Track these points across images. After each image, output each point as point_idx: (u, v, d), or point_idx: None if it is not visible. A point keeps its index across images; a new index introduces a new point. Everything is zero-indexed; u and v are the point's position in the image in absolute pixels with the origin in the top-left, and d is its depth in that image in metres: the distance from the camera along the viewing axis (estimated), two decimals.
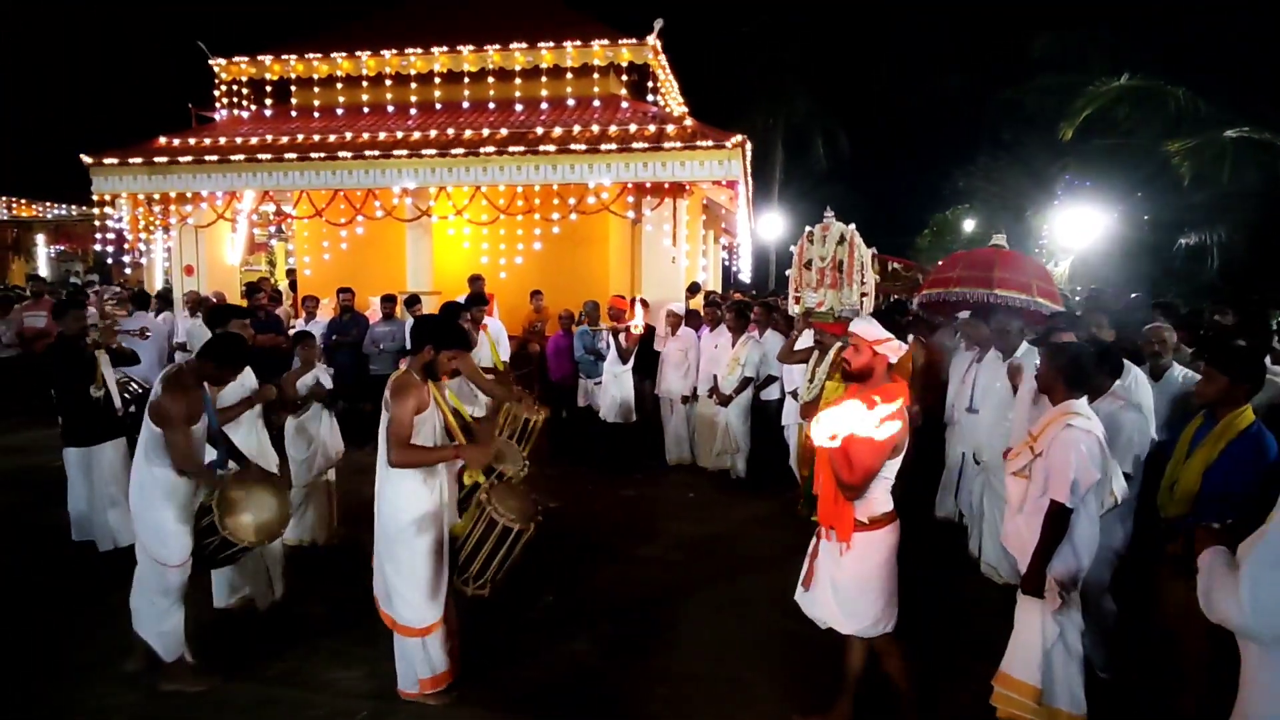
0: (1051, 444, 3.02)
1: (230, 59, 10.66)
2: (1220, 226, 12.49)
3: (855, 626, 3.09)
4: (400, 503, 3.31)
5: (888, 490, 3.04)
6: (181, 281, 10.33)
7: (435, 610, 3.36)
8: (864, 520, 3.01)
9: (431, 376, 3.39)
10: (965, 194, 24.53)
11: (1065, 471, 2.94)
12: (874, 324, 3.19)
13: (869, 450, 2.86)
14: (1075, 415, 3.04)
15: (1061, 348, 3.32)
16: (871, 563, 3.03)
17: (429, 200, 9.48)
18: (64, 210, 17.91)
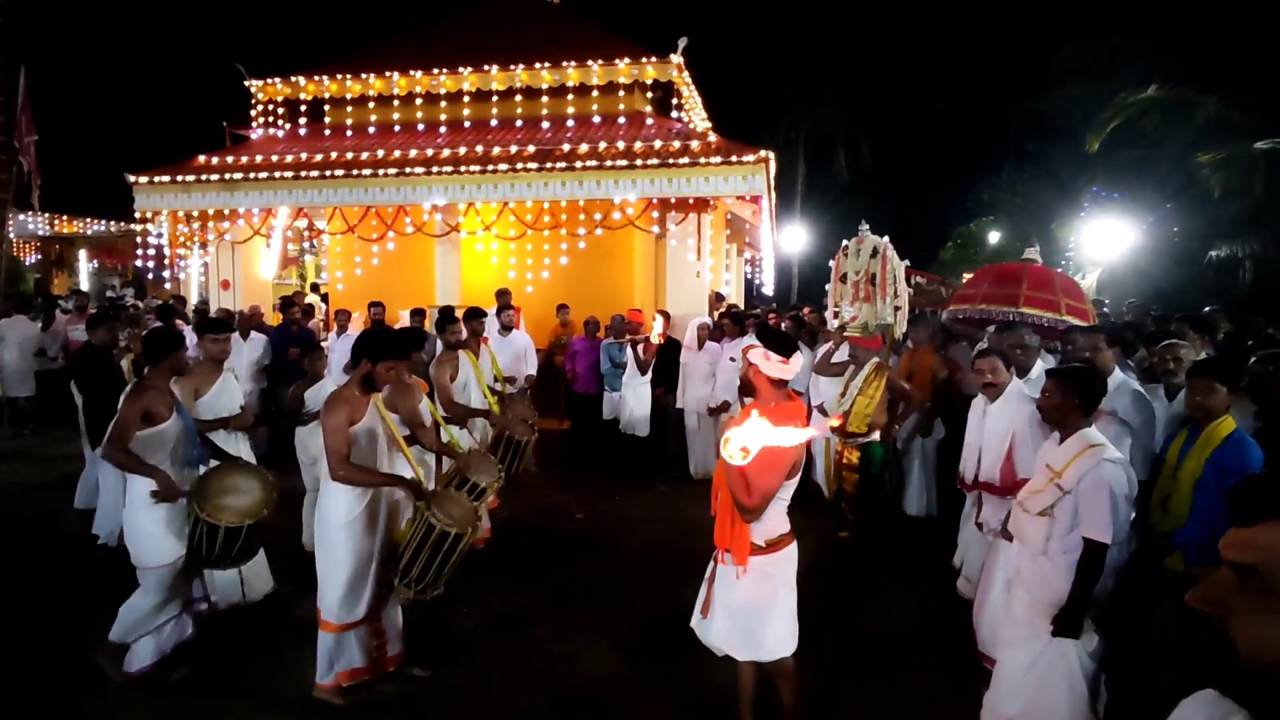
0: (1084, 480, 2.90)
1: (266, 80, 10.97)
2: (1253, 238, 12.30)
3: (751, 653, 2.98)
4: (335, 505, 3.48)
5: (784, 512, 2.95)
6: (218, 296, 10.60)
7: (354, 610, 3.51)
8: (760, 543, 2.90)
9: (369, 388, 3.51)
10: (990, 206, 24.31)
11: (1105, 510, 2.85)
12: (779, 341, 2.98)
13: (768, 472, 2.74)
14: (1103, 446, 2.96)
15: (1075, 372, 3.21)
16: (769, 586, 2.93)
17: (458, 216, 9.66)
18: (103, 226, 18.43)
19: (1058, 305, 5.66)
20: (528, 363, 8.08)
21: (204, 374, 4.35)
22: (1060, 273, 6.95)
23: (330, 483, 3.47)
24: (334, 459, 3.38)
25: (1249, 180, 11.45)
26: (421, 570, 3.39)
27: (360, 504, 3.49)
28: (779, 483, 2.81)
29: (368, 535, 3.52)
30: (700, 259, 9.40)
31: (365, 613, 3.54)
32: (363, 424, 3.46)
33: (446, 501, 3.52)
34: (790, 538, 2.98)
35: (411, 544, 3.41)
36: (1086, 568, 2.90)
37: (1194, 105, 12.22)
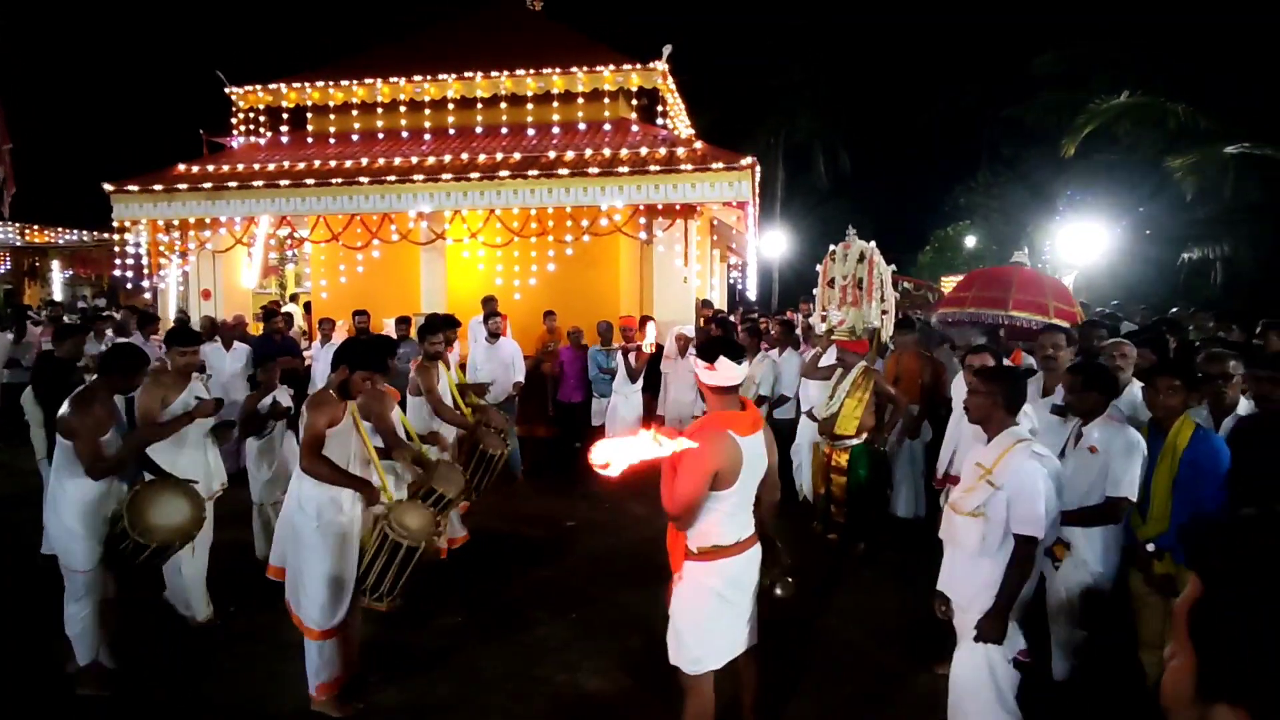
0: (1015, 475, 2.86)
1: (247, 87, 10.87)
2: (1224, 241, 12.59)
3: (674, 655, 2.92)
4: (311, 508, 3.50)
5: (722, 524, 2.80)
6: (199, 305, 10.47)
7: (336, 615, 3.54)
8: (693, 550, 2.84)
9: (346, 395, 3.58)
10: (967, 210, 24.69)
11: (1035, 502, 2.80)
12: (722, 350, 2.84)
13: (686, 479, 2.67)
14: (1030, 441, 2.94)
15: (998, 372, 3.18)
16: (696, 596, 2.85)
17: (443, 224, 9.63)
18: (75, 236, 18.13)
19: (1046, 308, 5.70)
20: (515, 370, 8.05)
21: (171, 383, 4.31)
22: (1050, 276, 7.04)
23: (305, 489, 3.50)
24: (307, 451, 3.45)
25: (1219, 184, 11.71)
26: (378, 579, 3.45)
27: (334, 509, 3.52)
28: (697, 491, 2.68)
29: (346, 532, 3.56)
30: (687, 265, 9.46)
31: (345, 617, 3.58)
32: (338, 428, 3.53)
33: (405, 513, 3.58)
34: (731, 551, 2.83)
35: (370, 553, 3.48)
36: (1016, 565, 2.84)
37: (1164, 111, 12.47)
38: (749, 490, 2.84)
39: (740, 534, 2.86)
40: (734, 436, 2.73)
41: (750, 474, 2.79)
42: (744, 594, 2.91)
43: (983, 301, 5.85)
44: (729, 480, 2.72)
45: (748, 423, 2.81)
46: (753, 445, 2.80)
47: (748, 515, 2.89)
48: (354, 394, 3.59)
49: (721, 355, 2.75)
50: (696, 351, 2.83)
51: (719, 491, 2.73)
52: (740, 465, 2.73)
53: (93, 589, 3.66)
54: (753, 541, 2.92)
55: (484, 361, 7.96)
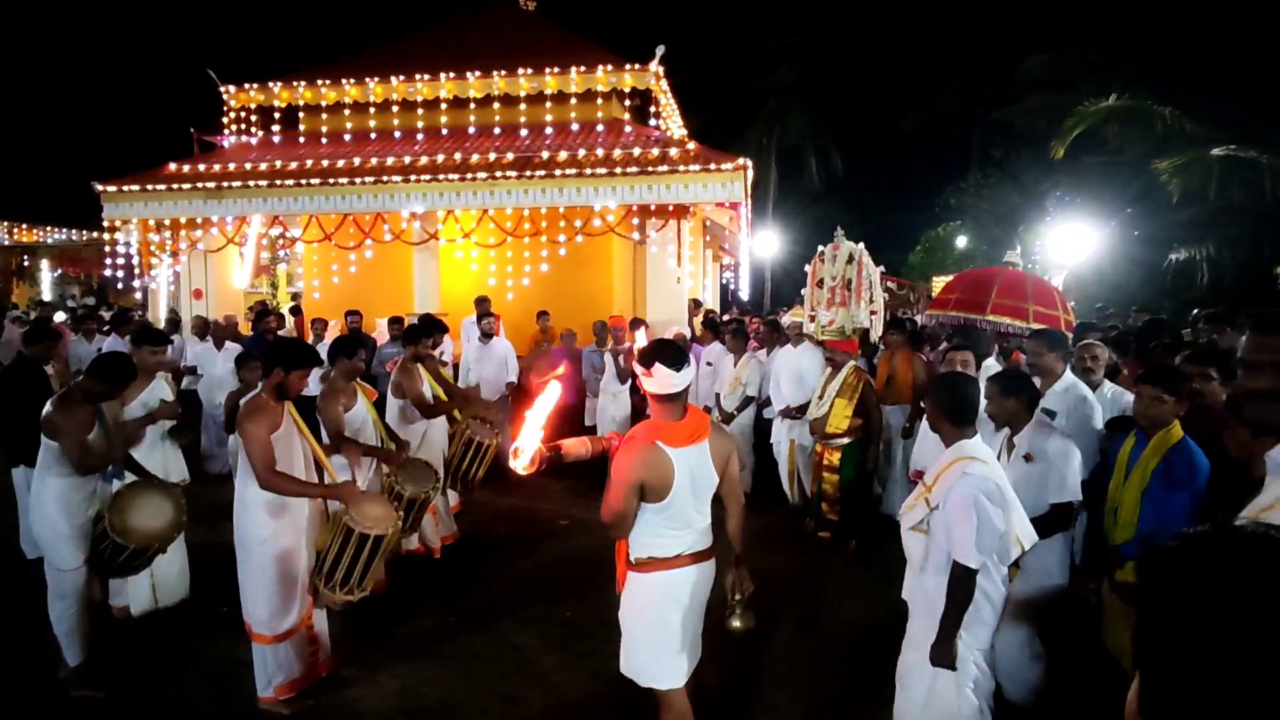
0: (949, 496, 2.68)
1: (240, 86, 10.84)
2: (1209, 242, 12.72)
3: (623, 666, 2.88)
4: (255, 515, 3.49)
5: (661, 535, 2.71)
6: (190, 305, 10.43)
7: (286, 619, 3.54)
8: (632, 559, 2.76)
9: (282, 396, 3.55)
10: (957, 211, 24.85)
11: (967, 529, 2.61)
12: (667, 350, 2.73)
13: (612, 489, 2.61)
14: (970, 460, 2.73)
15: (943, 381, 3.02)
16: (633, 608, 2.79)
17: (436, 224, 9.64)
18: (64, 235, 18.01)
19: (1025, 312, 5.71)
20: (509, 370, 8.07)
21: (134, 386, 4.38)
22: (1037, 279, 7.06)
23: (248, 495, 3.48)
24: (261, 468, 3.36)
25: (1204, 186, 11.83)
26: (345, 573, 3.46)
27: (279, 515, 3.51)
28: (620, 501, 2.59)
29: (291, 544, 3.55)
30: (680, 265, 9.50)
31: (297, 621, 3.58)
32: (280, 432, 3.50)
33: (365, 503, 3.58)
34: (669, 564, 2.72)
35: (333, 547, 3.48)
36: (952, 592, 2.66)
37: (1152, 114, 12.59)
38: (689, 504, 2.68)
39: (682, 548, 2.72)
40: (663, 448, 2.61)
41: (689, 487, 2.65)
42: (684, 609, 2.76)
43: (964, 305, 5.89)
44: (659, 493, 2.62)
45: (685, 433, 2.67)
46: (690, 457, 2.65)
47: (693, 530, 2.74)
48: (291, 394, 3.57)
49: (658, 362, 2.63)
50: (641, 361, 2.69)
51: (650, 504, 2.64)
52: (670, 478, 2.61)
53: (78, 588, 3.69)
54: (699, 559, 2.77)
55: (476, 362, 7.97)
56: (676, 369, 2.64)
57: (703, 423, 2.75)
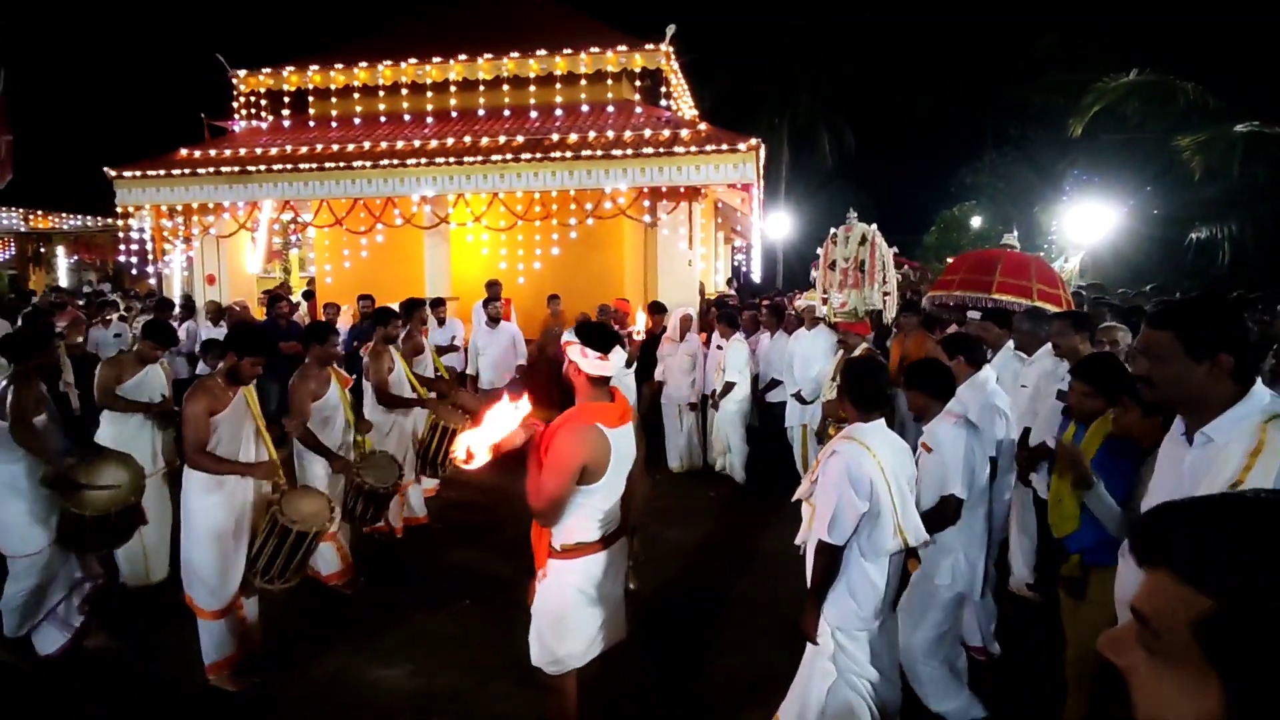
0: (820, 474, 2.76)
1: (250, 70, 10.81)
2: (1231, 221, 12.49)
3: (535, 656, 2.82)
4: (195, 493, 3.59)
5: (589, 519, 2.69)
6: (203, 290, 10.49)
7: (223, 597, 3.61)
8: (557, 547, 2.72)
9: (235, 381, 3.63)
10: (972, 191, 24.54)
11: (827, 504, 2.68)
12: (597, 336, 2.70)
13: (551, 474, 2.56)
14: (848, 440, 2.77)
15: (855, 365, 3.04)
16: (558, 595, 2.73)
17: (447, 207, 9.61)
18: (80, 221, 18.12)
19: (1030, 291, 5.69)
20: (517, 353, 8.08)
21: (128, 363, 4.71)
22: (1038, 259, 7.01)
23: (191, 473, 3.59)
24: (189, 446, 3.51)
25: (1227, 163, 11.59)
26: (268, 563, 3.54)
27: (217, 494, 3.58)
28: (563, 486, 2.56)
29: (228, 524, 3.62)
30: (691, 248, 9.43)
31: (233, 599, 3.67)
32: (225, 414, 3.57)
33: (298, 498, 3.67)
34: (595, 547, 2.72)
35: (261, 536, 3.57)
36: (815, 563, 2.75)
37: (1174, 90, 12.31)
38: (617, 484, 2.72)
39: (607, 529, 2.75)
40: (602, 429, 2.62)
41: (619, 467, 2.68)
42: (607, 591, 2.78)
43: (969, 285, 5.85)
44: (597, 474, 2.61)
45: (616, 414, 2.69)
46: (621, 438, 2.68)
47: (615, 511, 2.78)
48: (244, 380, 3.63)
49: (590, 346, 2.62)
50: (581, 339, 2.65)
51: (586, 486, 2.62)
52: (608, 458, 2.62)
53: (34, 573, 3.76)
54: (617, 537, 2.81)
55: (486, 345, 7.98)
56: (605, 352, 2.62)
57: (628, 404, 2.79)
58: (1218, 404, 1.88)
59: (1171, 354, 1.89)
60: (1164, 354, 1.91)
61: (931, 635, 3.25)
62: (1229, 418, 1.87)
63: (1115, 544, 2.73)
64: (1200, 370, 1.87)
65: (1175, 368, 1.89)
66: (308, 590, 4.66)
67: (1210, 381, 1.87)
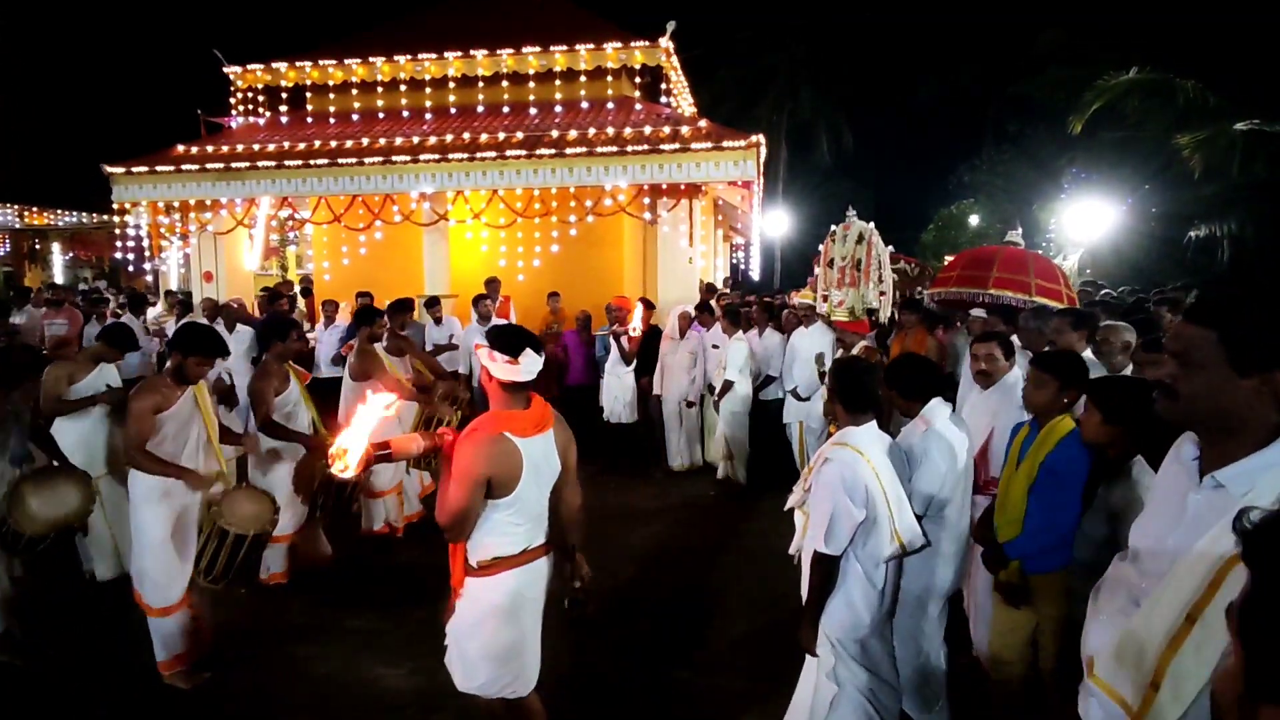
0: (814, 482, 2.69)
1: (246, 66, 10.74)
2: (1230, 218, 12.47)
3: (460, 680, 2.67)
4: (141, 490, 3.59)
5: (503, 533, 2.55)
6: (200, 288, 10.44)
7: (170, 594, 3.62)
8: (472, 564, 2.57)
9: (181, 380, 3.63)
10: (971, 188, 24.54)
11: (823, 514, 2.61)
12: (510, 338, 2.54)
13: (455, 486, 2.46)
14: (842, 446, 2.69)
15: (841, 366, 2.94)
16: (473, 613, 2.59)
17: (446, 204, 9.57)
18: (75, 218, 18.03)
19: (1028, 287, 5.64)
20: None
21: (81, 362, 4.66)
22: (1038, 255, 7.00)
23: (137, 472, 3.60)
24: (130, 442, 3.53)
25: (1227, 161, 11.57)
26: (209, 562, 3.56)
27: (164, 492, 3.59)
28: (466, 499, 2.43)
29: (173, 522, 3.63)
30: (691, 245, 9.40)
31: (183, 596, 3.67)
32: (171, 413, 3.58)
33: (240, 500, 3.69)
34: (515, 562, 2.57)
35: (202, 535, 3.61)
36: (812, 576, 2.68)
37: (1174, 88, 12.28)
38: (535, 497, 2.58)
39: (528, 543, 2.60)
40: (510, 438, 2.48)
41: (535, 479, 2.54)
42: (533, 608, 2.66)
43: (966, 281, 5.83)
44: (506, 487, 2.47)
45: (531, 422, 2.55)
46: (536, 447, 2.54)
47: (536, 524, 2.63)
48: (191, 379, 3.64)
49: (498, 350, 2.49)
50: (491, 343, 2.53)
51: (496, 499, 2.49)
52: (518, 470, 2.47)
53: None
54: (543, 552, 2.66)
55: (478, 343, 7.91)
56: (515, 356, 2.47)
57: (548, 411, 2.65)
58: (1252, 438, 1.42)
59: (1209, 359, 1.43)
60: (1199, 359, 1.45)
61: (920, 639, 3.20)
62: (1260, 462, 1.40)
63: (1057, 552, 2.68)
64: (1244, 388, 1.41)
65: (1210, 378, 1.44)
66: (305, 590, 4.66)
67: (1253, 404, 1.40)
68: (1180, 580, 1.44)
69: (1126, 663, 1.51)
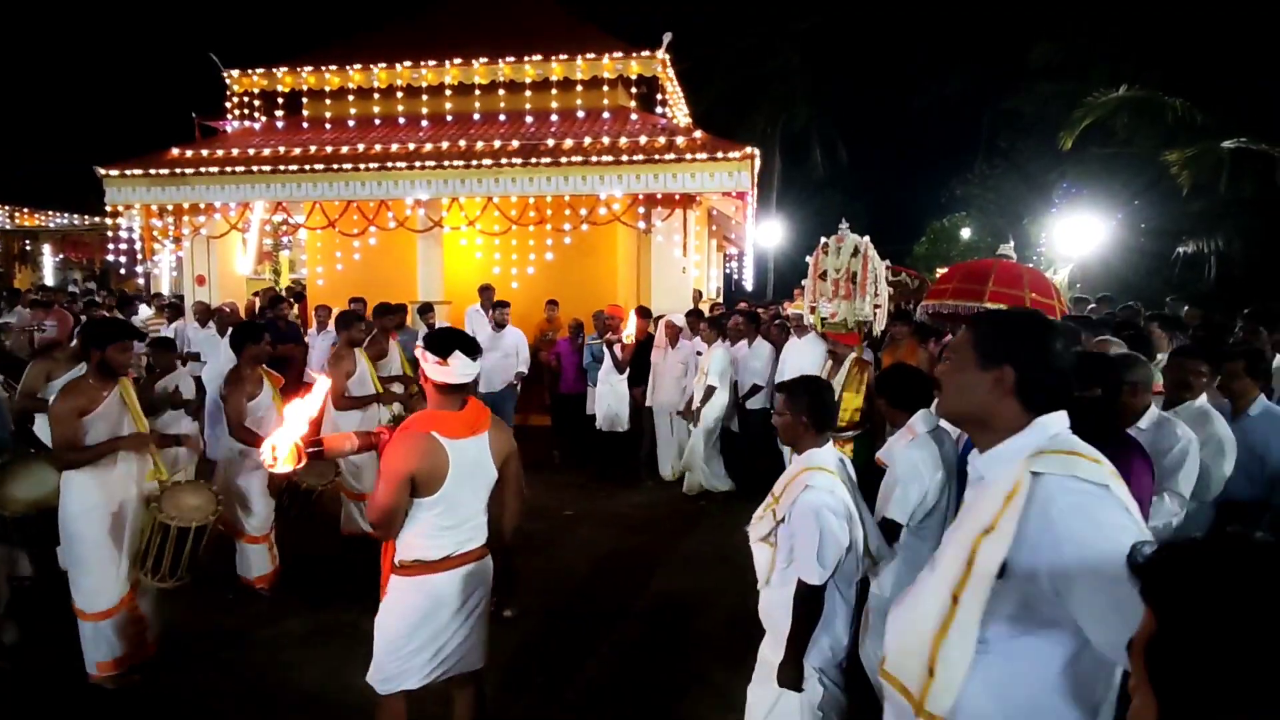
0: (793, 511, 2.57)
1: (244, 71, 10.74)
2: (1218, 235, 12.65)
3: (371, 674, 2.68)
4: (72, 494, 3.55)
5: (428, 536, 2.56)
6: (193, 291, 10.40)
7: (107, 598, 3.58)
8: (396, 563, 2.60)
9: (107, 375, 3.57)
10: (962, 202, 24.75)
11: (809, 545, 2.49)
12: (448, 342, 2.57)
13: (380, 484, 2.49)
14: (816, 471, 2.61)
15: (799, 385, 2.82)
16: (391, 611, 2.63)
17: (441, 211, 9.57)
18: (66, 219, 17.92)
19: (1023, 300, 5.70)
20: (519, 360, 8.04)
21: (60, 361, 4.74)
22: (1032, 269, 7.07)
23: (68, 477, 3.55)
24: (57, 444, 3.47)
25: (1214, 179, 11.74)
26: (155, 561, 3.55)
27: (95, 495, 3.55)
28: (390, 496, 2.45)
29: (109, 523, 3.59)
30: (686, 255, 9.43)
31: (119, 600, 3.61)
32: (98, 413, 3.52)
33: (181, 494, 3.68)
34: (437, 567, 2.56)
35: (145, 535, 3.58)
36: (797, 610, 2.54)
37: (1162, 105, 12.47)
38: (463, 500, 2.57)
39: (452, 549, 2.59)
40: (438, 438, 2.49)
41: (462, 482, 2.54)
42: (453, 613, 2.62)
43: (961, 294, 5.89)
44: (430, 487, 2.48)
45: (462, 424, 2.56)
46: (466, 449, 2.54)
47: (465, 529, 2.62)
48: (117, 368, 3.58)
49: (429, 351, 2.53)
50: (427, 346, 2.57)
51: (421, 499, 2.50)
52: (443, 470, 2.48)
53: None
54: (470, 559, 2.64)
55: (487, 350, 7.94)
56: (444, 357, 2.51)
57: (483, 415, 2.66)
58: (999, 428, 1.54)
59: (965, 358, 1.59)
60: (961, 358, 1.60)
61: None
62: (1002, 451, 1.53)
63: None
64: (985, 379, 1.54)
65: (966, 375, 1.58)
66: (298, 592, 4.64)
67: (992, 398, 1.53)
68: (947, 563, 1.53)
69: (908, 651, 1.57)
